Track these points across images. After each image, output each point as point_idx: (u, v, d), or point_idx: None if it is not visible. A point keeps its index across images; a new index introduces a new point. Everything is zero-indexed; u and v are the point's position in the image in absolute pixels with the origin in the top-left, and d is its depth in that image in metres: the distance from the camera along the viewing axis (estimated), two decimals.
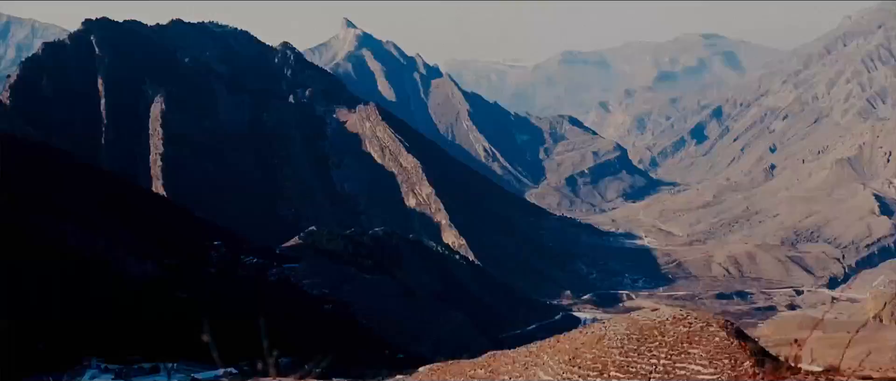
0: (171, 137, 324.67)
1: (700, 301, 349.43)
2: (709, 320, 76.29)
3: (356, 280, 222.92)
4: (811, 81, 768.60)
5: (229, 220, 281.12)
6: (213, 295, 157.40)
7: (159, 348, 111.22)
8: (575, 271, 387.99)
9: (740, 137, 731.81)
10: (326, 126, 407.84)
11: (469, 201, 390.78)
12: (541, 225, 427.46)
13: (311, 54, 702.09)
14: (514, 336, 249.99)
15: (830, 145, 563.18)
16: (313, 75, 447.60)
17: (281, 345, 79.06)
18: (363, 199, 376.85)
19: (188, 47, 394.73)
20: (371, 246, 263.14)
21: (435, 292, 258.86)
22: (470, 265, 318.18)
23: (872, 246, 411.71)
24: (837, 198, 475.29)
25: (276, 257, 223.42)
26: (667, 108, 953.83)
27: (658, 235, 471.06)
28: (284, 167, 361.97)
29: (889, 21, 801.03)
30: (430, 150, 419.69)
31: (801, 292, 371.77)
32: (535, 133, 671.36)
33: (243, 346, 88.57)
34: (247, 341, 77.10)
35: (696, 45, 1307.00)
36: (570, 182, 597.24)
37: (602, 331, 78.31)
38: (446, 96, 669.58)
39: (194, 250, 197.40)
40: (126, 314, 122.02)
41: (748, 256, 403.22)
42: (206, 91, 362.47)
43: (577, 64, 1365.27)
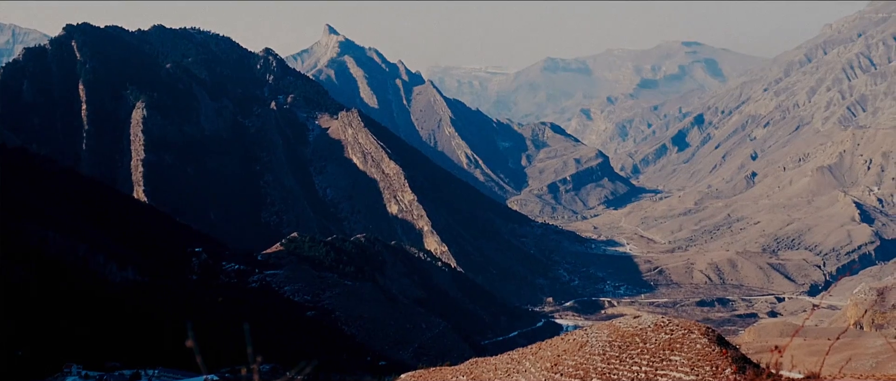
0: (153, 142, 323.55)
1: (681, 308, 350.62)
2: (690, 327, 76.40)
3: (338, 287, 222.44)
4: (792, 89, 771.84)
5: (211, 226, 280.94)
6: (194, 301, 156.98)
7: (140, 354, 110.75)
8: (557, 278, 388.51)
9: (721, 144, 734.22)
10: (308, 132, 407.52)
11: (451, 207, 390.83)
12: (523, 232, 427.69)
13: (294, 60, 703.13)
14: (496, 343, 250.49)
15: (811, 153, 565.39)
16: (295, 81, 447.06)
17: (262, 352, 78.43)
18: (345, 205, 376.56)
19: (170, 53, 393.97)
20: (353, 252, 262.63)
21: (417, 299, 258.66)
22: (452, 272, 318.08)
23: (852, 253, 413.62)
24: (818, 205, 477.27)
25: (257, 264, 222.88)
26: (648, 115, 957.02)
27: (640, 242, 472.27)
28: (266, 173, 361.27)
29: (869, 29, 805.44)
30: (413, 156, 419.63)
31: (782, 299, 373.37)
32: (517, 140, 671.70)
33: (224, 352, 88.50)
34: (228, 347, 77.17)
35: (678, 52, 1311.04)
36: (552, 189, 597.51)
37: (584, 338, 78.36)
38: (428, 103, 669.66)
39: (175, 256, 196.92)
40: (106, 320, 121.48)
41: (729, 263, 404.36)
42: (188, 97, 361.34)
43: (560, 71, 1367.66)
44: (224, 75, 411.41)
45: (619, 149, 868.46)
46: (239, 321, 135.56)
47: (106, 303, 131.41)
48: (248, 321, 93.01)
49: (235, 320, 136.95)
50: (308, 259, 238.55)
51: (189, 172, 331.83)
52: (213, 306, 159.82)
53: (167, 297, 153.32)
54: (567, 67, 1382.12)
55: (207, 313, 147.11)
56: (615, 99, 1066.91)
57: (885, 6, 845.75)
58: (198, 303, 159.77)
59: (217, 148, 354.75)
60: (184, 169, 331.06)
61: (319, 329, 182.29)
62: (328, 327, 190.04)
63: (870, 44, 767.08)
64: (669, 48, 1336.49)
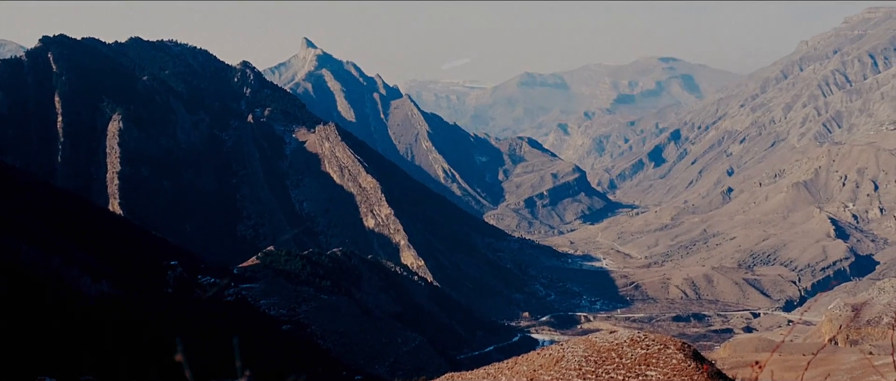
0: (129, 155, 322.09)
1: (657, 323, 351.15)
2: (666, 342, 76.48)
3: (314, 301, 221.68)
4: (768, 105, 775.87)
5: (187, 239, 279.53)
6: (170, 315, 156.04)
7: (114, 368, 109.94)
8: (533, 293, 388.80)
9: (698, 159, 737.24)
10: (285, 146, 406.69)
11: (428, 221, 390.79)
12: (499, 246, 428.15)
13: (271, 73, 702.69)
14: (472, 358, 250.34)
15: (787, 169, 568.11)
16: (272, 95, 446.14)
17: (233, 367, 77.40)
18: (322, 219, 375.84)
19: (146, 65, 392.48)
20: (329, 266, 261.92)
21: (393, 313, 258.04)
22: (428, 286, 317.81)
23: (828, 269, 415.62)
24: (793, 221, 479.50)
25: (233, 277, 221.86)
26: (625, 130, 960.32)
27: (616, 257, 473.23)
28: (243, 187, 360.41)
29: (845, 46, 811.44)
30: (390, 170, 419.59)
31: (758, 315, 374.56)
32: (494, 154, 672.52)
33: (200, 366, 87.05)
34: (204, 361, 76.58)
35: (655, 68, 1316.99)
36: (528, 204, 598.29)
37: (560, 353, 78.31)
38: (406, 117, 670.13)
39: (151, 269, 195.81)
40: (80, 334, 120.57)
41: (705, 278, 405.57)
42: (165, 109, 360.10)
43: (537, 86, 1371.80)
44: (201, 88, 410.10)
45: (595, 164, 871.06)
46: (214, 334, 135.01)
47: (80, 316, 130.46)
48: (223, 335, 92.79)
49: (211, 333, 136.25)
50: (284, 273, 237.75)
51: (165, 185, 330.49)
52: (189, 319, 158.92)
53: (142, 310, 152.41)
54: (544, 82, 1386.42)
55: (183, 327, 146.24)
56: (592, 114, 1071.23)
57: (860, 23, 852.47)
58: (173, 317, 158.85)
59: (193, 161, 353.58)
60: (160, 182, 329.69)
61: (295, 343, 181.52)
62: (304, 341, 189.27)
63: (845, 61, 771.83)
64: (646, 64, 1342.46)
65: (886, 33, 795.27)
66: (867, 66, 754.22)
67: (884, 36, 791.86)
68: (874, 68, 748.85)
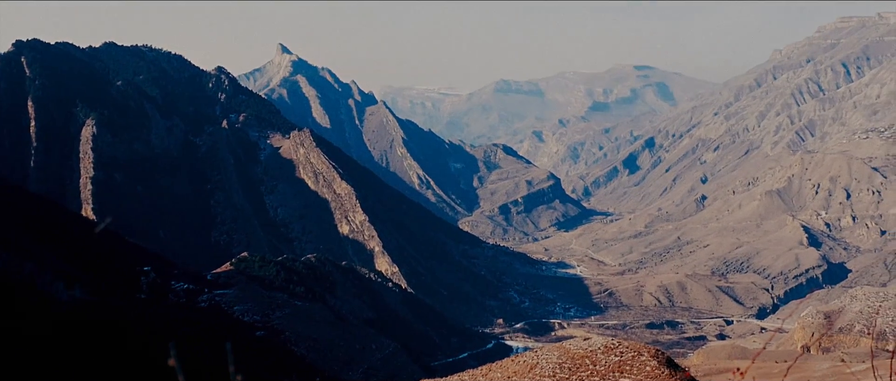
0: (102, 160, 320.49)
1: (631, 330, 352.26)
2: (640, 349, 76.78)
3: (288, 307, 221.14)
4: (742, 114, 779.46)
5: (160, 245, 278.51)
6: (143, 321, 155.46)
7: (87, 374, 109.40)
8: (507, 300, 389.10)
9: (672, 167, 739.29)
10: (260, 151, 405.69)
11: (402, 228, 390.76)
12: (474, 253, 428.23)
13: (246, 79, 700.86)
14: (446, 364, 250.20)
15: (760, 177, 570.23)
16: (247, 100, 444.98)
17: (212, 372, 78.15)
18: (296, 225, 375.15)
19: (121, 70, 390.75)
20: (303, 273, 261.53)
21: (367, 320, 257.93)
22: (403, 293, 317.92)
23: (800, 277, 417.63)
24: (766, 229, 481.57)
25: (206, 283, 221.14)
26: (600, 137, 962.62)
27: (590, 264, 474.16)
28: (217, 192, 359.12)
29: (818, 55, 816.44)
30: (364, 177, 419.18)
31: (731, 322, 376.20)
32: (469, 161, 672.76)
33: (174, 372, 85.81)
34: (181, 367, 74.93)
35: (629, 76, 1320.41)
36: (503, 210, 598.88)
37: (534, 360, 78.48)
38: (381, 123, 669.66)
39: (124, 275, 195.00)
40: (53, 340, 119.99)
41: (679, 285, 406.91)
42: (139, 114, 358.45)
43: (512, 93, 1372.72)
44: (175, 93, 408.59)
45: (570, 171, 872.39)
46: (188, 340, 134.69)
47: (53, 322, 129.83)
48: (197, 341, 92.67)
49: (184, 339, 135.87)
50: (258, 279, 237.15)
51: (139, 190, 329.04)
52: (162, 325, 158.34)
53: (116, 316, 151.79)
54: (519, 89, 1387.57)
55: (156, 333, 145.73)
56: (567, 121, 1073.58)
57: (833, 32, 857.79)
58: (146, 323, 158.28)
59: (167, 166, 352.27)
60: (133, 187, 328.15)
61: (269, 349, 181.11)
62: (277, 347, 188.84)
63: (818, 70, 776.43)
64: (621, 72, 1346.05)
65: (859, 42, 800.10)
66: (840, 74, 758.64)
67: (856, 45, 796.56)
68: (847, 77, 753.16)
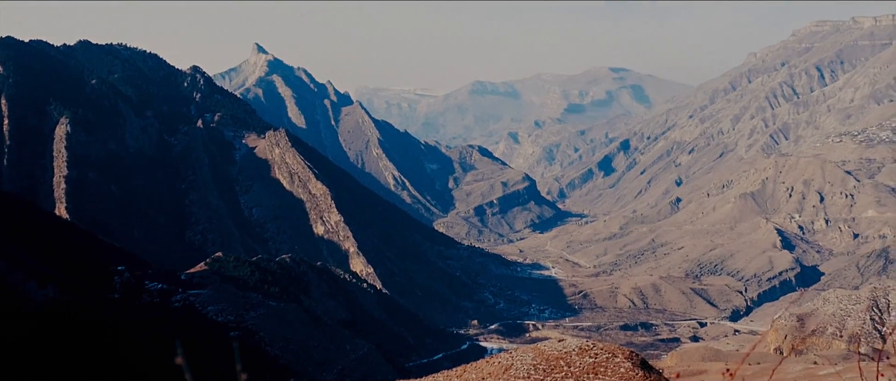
0: (76, 159, 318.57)
1: (605, 332, 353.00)
2: (614, 351, 77.01)
3: (262, 307, 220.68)
4: (716, 116, 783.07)
5: (135, 244, 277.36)
6: (117, 320, 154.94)
7: (61, 373, 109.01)
8: (482, 301, 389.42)
9: (647, 169, 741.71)
10: (235, 151, 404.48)
11: (377, 229, 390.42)
12: (449, 254, 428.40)
13: (221, 79, 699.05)
14: (420, 365, 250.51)
15: (734, 180, 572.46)
16: (223, 100, 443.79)
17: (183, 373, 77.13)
18: (271, 225, 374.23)
19: (95, 69, 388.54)
20: (278, 273, 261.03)
21: (342, 320, 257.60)
22: (377, 294, 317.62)
23: (773, 279, 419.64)
24: (740, 232, 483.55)
25: (181, 283, 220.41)
26: (575, 139, 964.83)
27: (565, 265, 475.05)
28: (191, 192, 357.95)
29: (792, 59, 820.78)
30: (340, 177, 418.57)
31: (704, 324, 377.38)
32: (444, 162, 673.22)
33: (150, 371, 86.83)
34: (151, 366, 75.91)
35: (605, 78, 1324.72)
36: (478, 212, 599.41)
37: (509, 361, 78.60)
38: (357, 124, 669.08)
39: (98, 274, 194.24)
40: (26, 339, 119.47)
41: (653, 287, 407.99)
42: (113, 113, 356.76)
43: (488, 94, 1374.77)
44: (150, 92, 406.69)
45: (545, 173, 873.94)
46: (161, 340, 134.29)
47: (26, 321, 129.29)
48: (170, 341, 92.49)
49: (158, 339, 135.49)
50: (232, 279, 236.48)
51: (113, 189, 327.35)
52: (136, 325, 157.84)
53: (89, 315, 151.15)
54: (495, 91, 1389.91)
55: (130, 333, 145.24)
56: (542, 123, 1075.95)
57: (808, 36, 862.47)
58: (120, 322, 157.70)
59: (142, 166, 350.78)
60: (107, 186, 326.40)
61: (243, 350, 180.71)
62: (252, 347, 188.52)
63: (793, 73, 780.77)
64: (597, 74, 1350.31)
65: (833, 47, 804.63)
66: (814, 78, 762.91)
67: (830, 49, 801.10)
68: (821, 81, 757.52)
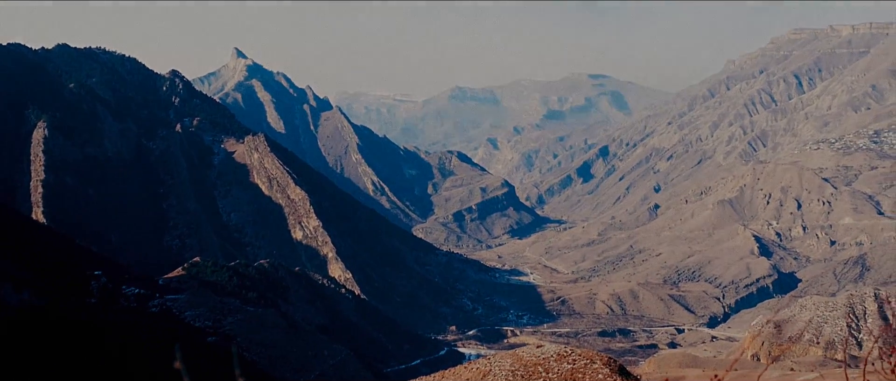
0: (53, 163, 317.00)
1: (583, 338, 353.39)
2: (592, 357, 77.17)
3: (240, 312, 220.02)
4: (695, 123, 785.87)
5: (112, 249, 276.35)
6: (93, 325, 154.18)
7: (38, 378, 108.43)
8: (460, 307, 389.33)
9: (625, 176, 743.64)
10: (214, 156, 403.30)
11: (356, 234, 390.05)
12: (428, 260, 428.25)
13: (201, 83, 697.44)
14: (398, 371, 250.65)
15: (713, 186, 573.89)
16: (201, 104, 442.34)
17: (163, 377, 77.65)
18: (249, 230, 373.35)
19: (73, 72, 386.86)
20: (256, 278, 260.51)
21: (320, 326, 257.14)
22: (356, 299, 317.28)
23: (751, 286, 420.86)
24: (718, 238, 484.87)
25: (158, 288, 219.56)
26: (554, 146, 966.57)
27: (543, 271, 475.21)
28: (170, 196, 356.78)
29: (771, 66, 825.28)
30: (319, 182, 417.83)
31: (682, 331, 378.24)
32: (423, 168, 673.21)
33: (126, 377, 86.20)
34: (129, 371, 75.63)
35: (584, 84, 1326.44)
36: (457, 217, 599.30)
37: (487, 367, 78.65)
38: (336, 129, 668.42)
39: (74, 279, 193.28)
40: (2, 344, 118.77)
41: (631, 294, 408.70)
42: (91, 117, 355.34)
43: (467, 100, 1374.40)
44: (129, 97, 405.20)
45: (524, 179, 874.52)
46: (138, 345, 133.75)
47: (2, 325, 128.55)
48: (147, 346, 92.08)
49: (135, 344, 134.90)
50: (210, 284, 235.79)
51: (90, 193, 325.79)
52: (113, 330, 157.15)
53: (66, 320, 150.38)
54: (475, 96, 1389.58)
55: (107, 338, 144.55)
56: (522, 129, 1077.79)
57: (786, 44, 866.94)
58: (97, 327, 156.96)
59: (120, 170, 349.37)
60: (85, 191, 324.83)
61: (220, 355, 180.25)
62: (229, 353, 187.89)
63: (771, 81, 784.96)
64: (576, 80, 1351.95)
65: (811, 54, 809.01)
66: (792, 86, 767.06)
67: (808, 57, 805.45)
68: (799, 89, 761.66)
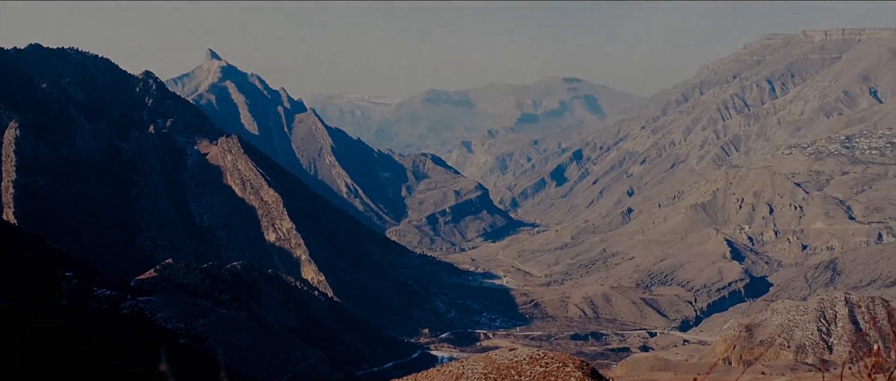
0: (25, 164, 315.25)
1: (556, 341, 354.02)
2: (565, 360, 77.45)
3: (212, 314, 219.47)
4: (668, 128, 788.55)
5: (84, 250, 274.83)
6: (65, 327, 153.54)
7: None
8: (433, 310, 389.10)
9: (599, 180, 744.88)
10: (187, 157, 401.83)
11: (329, 236, 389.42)
12: (401, 263, 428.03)
13: (174, 84, 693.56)
14: (370, 374, 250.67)
15: (685, 191, 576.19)
16: (175, 105, 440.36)
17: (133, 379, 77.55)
18: (222, 232, 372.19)
19: (46, 73, 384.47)
20: (229, 280, 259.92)
21: (292, 328, 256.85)
22: (328, 301, 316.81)
23: (723, 290, 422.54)
24: (691, 242, 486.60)
25: (130, 290, 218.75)
26: (528, 149, 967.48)
27: (516, 275, 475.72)
28: (142, 198, 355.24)
29: (744, 71, 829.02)
30: (292, 184, 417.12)
31: (654, 334, 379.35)
32: (397, 170, 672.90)
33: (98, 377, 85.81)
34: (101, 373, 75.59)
35: (558, 88, 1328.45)
36: (431, 220, 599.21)
37: (460, 370, 78.83)
38: (310, 131, 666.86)
39: (46, 280, 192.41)
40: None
41: (604, 297, 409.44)
42: (64, 118, 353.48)
43: (441, 103, 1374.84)
44: (102, 97, 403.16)
45: (498, 182, 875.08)
46: (109, 347, 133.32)
47: None
48: (119, 348, 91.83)
49: (106, 346, 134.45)
50: (182, 286, 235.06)
51: (62, 194, 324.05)
52: (84, 332, 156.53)
53: (36, 322, 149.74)
54: (449, 99, 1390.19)
55: (77, 339, 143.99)
56: (496, 132, 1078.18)
57: (759, 49, 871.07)
58: (68, 329, 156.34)
59: (92, 171, 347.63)
60: (57, 192, 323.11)
61: (192, 357, 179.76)
62: (201, 355, 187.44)
63: (744, 86, 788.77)
64: (550, 84, 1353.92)
65: (784, 60, 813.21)
66: (765, 91, 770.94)
67: (781, 62, 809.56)
68: (772, 94, 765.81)
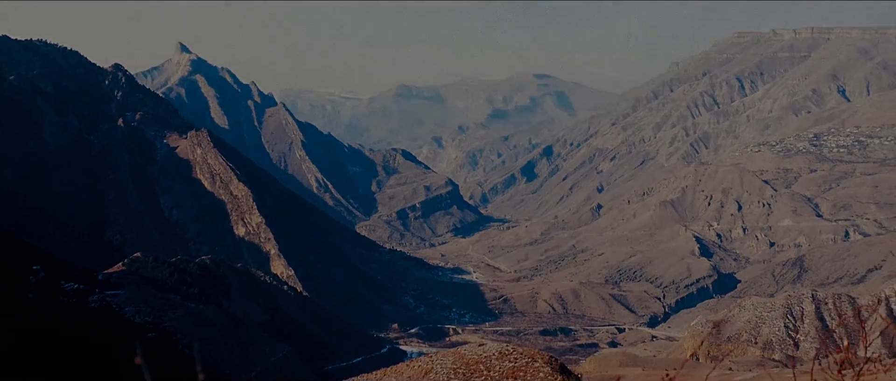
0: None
1: (525, 337, 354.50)
2: (534, 355, 77.74)
3: (181, 308, 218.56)
4: (638, 124, 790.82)
5: (52, 244, 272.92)
6: (33, 321, 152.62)
7: None
8: (403, 305, 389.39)
9: (569, 176, 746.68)
10: (156, 151, 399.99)
11: (299, 231, 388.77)
12: (371, 258, 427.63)
13: (144, 77, 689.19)
14: (340, 369, 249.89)
15: (655, 187, 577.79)
16: (144, 98, 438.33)
17: (102, 372, 77.23)
18: (191, 226, 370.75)
19: (13, 65, 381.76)
20: (197, 274, 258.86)
21: (261, 323, 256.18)
22: (298, 296, 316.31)
23: (691, 286, 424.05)
24: (660, 239, 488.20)
25: (98, 284, 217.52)
26: (499, 145, 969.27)
27: (486, 270, 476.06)
28: (111, 191, 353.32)
29: (714, 69, 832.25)
30: (262, 178, 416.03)
31: (623, 330, 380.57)
32: (368, 165, 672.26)
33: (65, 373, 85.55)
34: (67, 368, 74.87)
35: (529, 84, 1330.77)
36: (401, 215, 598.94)
37: (429, 365, 78.93)
38: (280, 125, 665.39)
39: (12, 274, 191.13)
40: None
41: (573, 293, 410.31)
42: (31, 111, 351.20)
43: (412, 98, 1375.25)
44: (70, 90, 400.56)
45: (468, 177, 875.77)
46: (77, 341, 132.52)
47: None
48: (86, 342, 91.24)
49: (73, 340, 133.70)
50: (151, 280, 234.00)
51: (30, 187, 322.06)
52: (50, 325, 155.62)
53: (3, 317, 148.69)
54: (420, 95, 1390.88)
55: (46, 334, 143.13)
56: (466, 128, 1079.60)
57: (729, 47, 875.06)
58: (34, 322, 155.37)
59: (60, 164, 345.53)
60: (24, 185, 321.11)
61: (160, 351, 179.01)
62: (169, 349, 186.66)
63: (714, 83, 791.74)
64: (521, 80, 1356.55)
65: (753, 58, 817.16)
66: (734, 88, 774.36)
67: (751, 60, 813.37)
68: (741, 91, 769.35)
